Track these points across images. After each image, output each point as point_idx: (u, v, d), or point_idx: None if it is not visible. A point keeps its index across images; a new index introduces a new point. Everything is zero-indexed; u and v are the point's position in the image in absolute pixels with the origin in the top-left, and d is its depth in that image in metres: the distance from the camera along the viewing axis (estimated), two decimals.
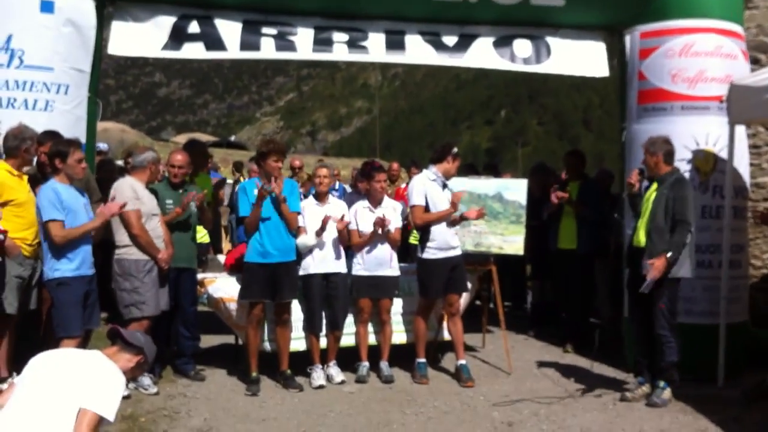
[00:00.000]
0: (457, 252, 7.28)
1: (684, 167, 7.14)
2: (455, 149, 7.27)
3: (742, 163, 7.36)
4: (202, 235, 9.15)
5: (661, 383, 6.40)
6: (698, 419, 6.02)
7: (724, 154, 7.10)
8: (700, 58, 7.23)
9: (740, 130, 7.24)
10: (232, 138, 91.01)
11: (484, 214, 7.43)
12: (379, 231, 7.22)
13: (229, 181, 15.95)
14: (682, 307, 6.76)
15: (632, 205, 6.70)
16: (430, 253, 7.16)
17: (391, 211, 7.41)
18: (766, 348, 7.38)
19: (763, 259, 8.17)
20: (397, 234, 7.45)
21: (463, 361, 7.25)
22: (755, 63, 8.02)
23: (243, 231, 7.27)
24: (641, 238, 6.45)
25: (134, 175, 6.64)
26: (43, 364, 3.78)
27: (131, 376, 4.21)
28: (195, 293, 7.34)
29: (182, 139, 38.69)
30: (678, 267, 6.25)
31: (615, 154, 8.17)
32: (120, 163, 10.87)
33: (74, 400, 3.55)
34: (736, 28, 7.42)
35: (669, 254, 6.18)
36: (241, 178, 13.99)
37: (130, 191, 6.40)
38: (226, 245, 13.50)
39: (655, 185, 6.49)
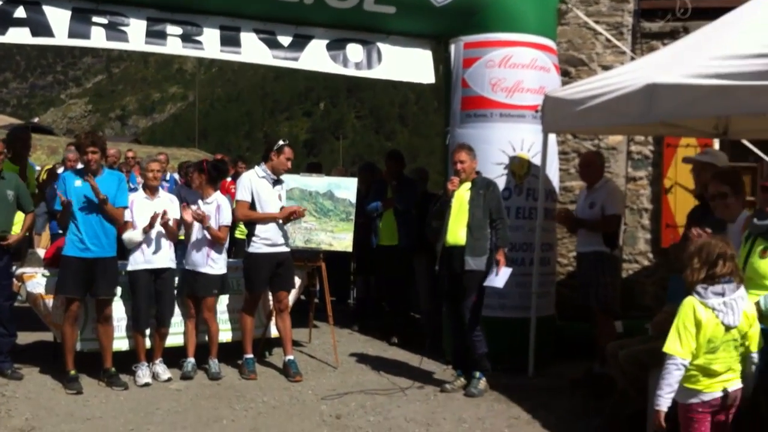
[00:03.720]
0: (284, 248, 7.37)
1: (501, 171, 7.62)
2: (280, 143, 7.33)
3: (553, 168, 7.95)
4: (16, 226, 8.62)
5: (477, 374, 6.82)
6: (511, 407, 6.48)
7: (537, 160, 7.63)
8: (517, 70, 7.72)
9: (552, 138, 7.82)
10: (36, 120, 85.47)
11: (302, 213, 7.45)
12: (192, 222, 7.16)
13: (38, 167, 15.07)
14: (496, 302, 7.27)
15: (445, 208, 6.89)
16: (255, 247, 7.24)
17: (214, 208, 7.34)
18: (571, 339, 8.03)
19: (569, 257, 8.85)
20: (221, 232, 7.32)
21: (291, 357, 7.35)
22: (565, 75, 8.66)
23: (56, 224, 6.97)
24: (457, 237, 6.77)
25: None
26: None
27: None
28: (11, 288, 6.99)
29: None
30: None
31: (428, 150, 8.59)
32: None
33: None
34: (549, 42, 7.99)
35: (506, 249, 6.75)
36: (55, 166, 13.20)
37: None
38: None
39: (466, 187, 6.85)
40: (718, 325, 4.00)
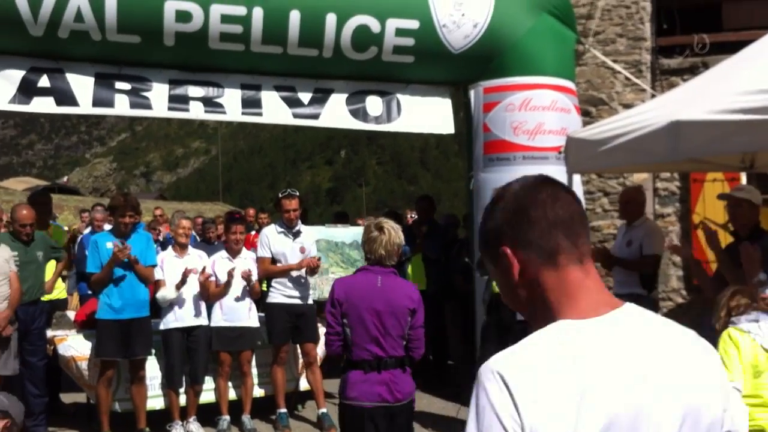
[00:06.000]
0: (305, 301, 7.37)
1: None
2: (280, 194, 7.45)
3: None
4: (59, 291, 8.75)
5: None
6: None
7: None
8: (538, 112, 7.73)
9: (576, 179, 7.77)
10: (65, 179, 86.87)
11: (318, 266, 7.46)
12: (245, 284, 7.21)
13: (65, 228, 15.27)
14: None
15: None
16: (271, 297, 7.34)
17: (251, 262, 7.39)
18: None
19: None
20: (257, 285, 7.44)
21: (324, 410, 7.29)
22: (586, 115, 8.66)
23: (86, 285, 7.03)
24: None
25: None
26: None
27: None
28: (45, 348, 7.02)
29: (13, 184, 36.58)
30: None
31: (452, 194, 8.51)
32: None
33: None
34: (568, 84, 8.00)
35: None
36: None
37: None
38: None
39: None
40: (757, 347, 3.93)
